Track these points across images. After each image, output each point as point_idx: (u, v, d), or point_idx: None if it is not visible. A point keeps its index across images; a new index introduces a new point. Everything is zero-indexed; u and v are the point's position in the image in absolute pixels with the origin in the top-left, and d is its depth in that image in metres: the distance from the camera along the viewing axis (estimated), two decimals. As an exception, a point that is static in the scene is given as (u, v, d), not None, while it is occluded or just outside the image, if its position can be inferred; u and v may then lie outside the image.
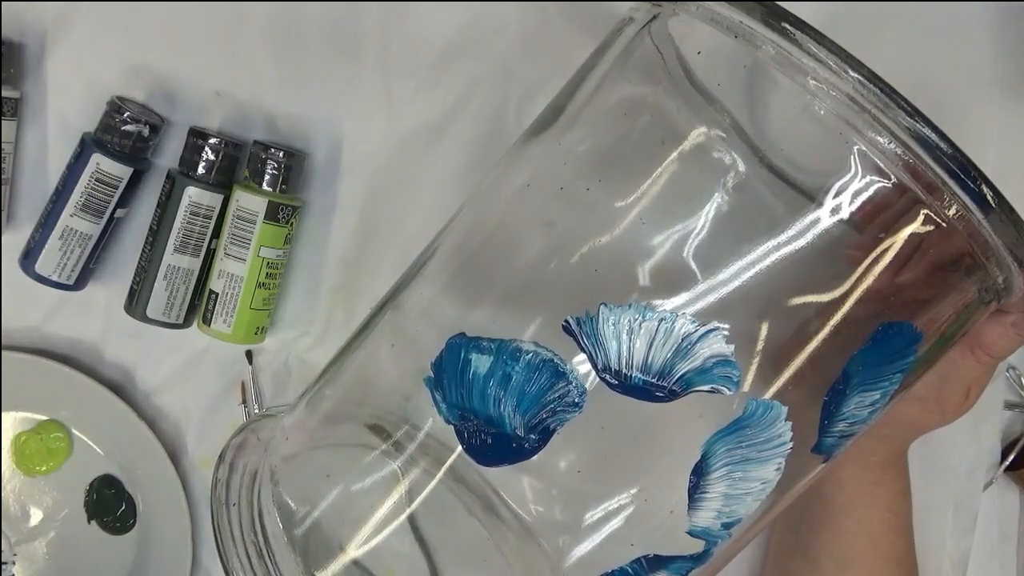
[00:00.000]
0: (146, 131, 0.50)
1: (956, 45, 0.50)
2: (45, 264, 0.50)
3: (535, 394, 0.33)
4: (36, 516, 0.57)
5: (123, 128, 0.49)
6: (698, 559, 0.35)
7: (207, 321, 0.51)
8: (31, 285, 0.51)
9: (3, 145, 0.50)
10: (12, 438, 0.56)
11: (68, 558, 0.57)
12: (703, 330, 0.32)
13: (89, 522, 0.56)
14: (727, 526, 0.35)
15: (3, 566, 0.56)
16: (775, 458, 0.34)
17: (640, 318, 0.32)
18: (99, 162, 0.49)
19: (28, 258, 0.50)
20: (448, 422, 0.34)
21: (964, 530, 0.53)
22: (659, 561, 0.35)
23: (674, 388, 0.32)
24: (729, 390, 0.33)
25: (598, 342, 0.32)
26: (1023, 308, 0.38)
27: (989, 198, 0.31)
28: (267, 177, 0.50)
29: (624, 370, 0.32)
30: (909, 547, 0.47)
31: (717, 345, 0.32)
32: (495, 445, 0.33)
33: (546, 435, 0.33)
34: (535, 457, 0.33)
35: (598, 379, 0.33)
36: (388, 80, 0.51)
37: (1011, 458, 0.54)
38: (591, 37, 0.39)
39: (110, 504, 0.56)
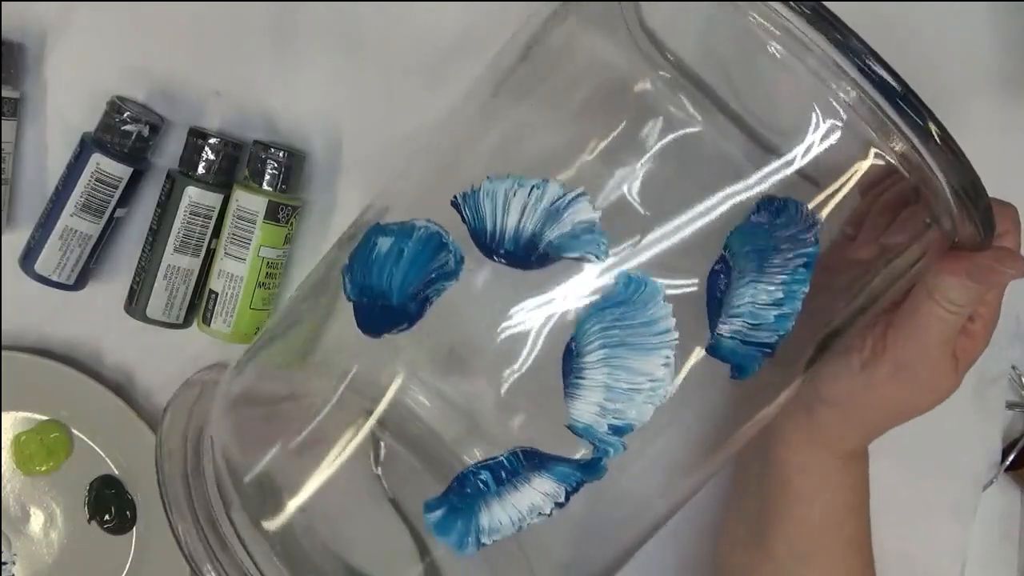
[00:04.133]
0: (146, 131, 0.50)
1: (957, 42, 0.50)
2: (45, 264, 0.50)
3: (420, 265, 0.34)
4: (36, 516, 0.56)
5: (123, 128, 0.49)
6: (586, 469, 0.34)
7: (207, 321, 0.51)
8: (31, 285, 0.51)
9: (3, 145, 0.50)
10: (12, 438, 0.56)
11: (68, 558, 0.56)
12: (571, 195, 0.32)
13: (89, 522, 0.56)
14: (616, 430, 0.33)
15: (3, 566, 0.56)
16: (660, 349, 0.32)
17: (515, 187, 0.32)
18: (99, 162, 0.49)
19: (28, 258, 0.50)
20: (349, 299, 0.35)
21: (964, 529, 0.53)
22: (537, 458, 0.34)
23: (543, 253, 0.32)
24: (598, 258, 0.32)
25: (477, 213, 0.33)
26: (978, 257, 0.36)
27: (931, 128, 0.30)
28: (267, 177, 0.50)
29: (497, 237, 0.33)
30: (868, 531, 0.45)
31: (584, 212, 0.32)
32: (381, 315, 0.35)
33: (423, 305, 0.34)
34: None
35: (476, 249, 0.33)
36: (389, 80, 0.51)
37: (1011, 458, 0.54)
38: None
39: (110, 504, 0.56)
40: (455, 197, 0.33)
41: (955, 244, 0.36)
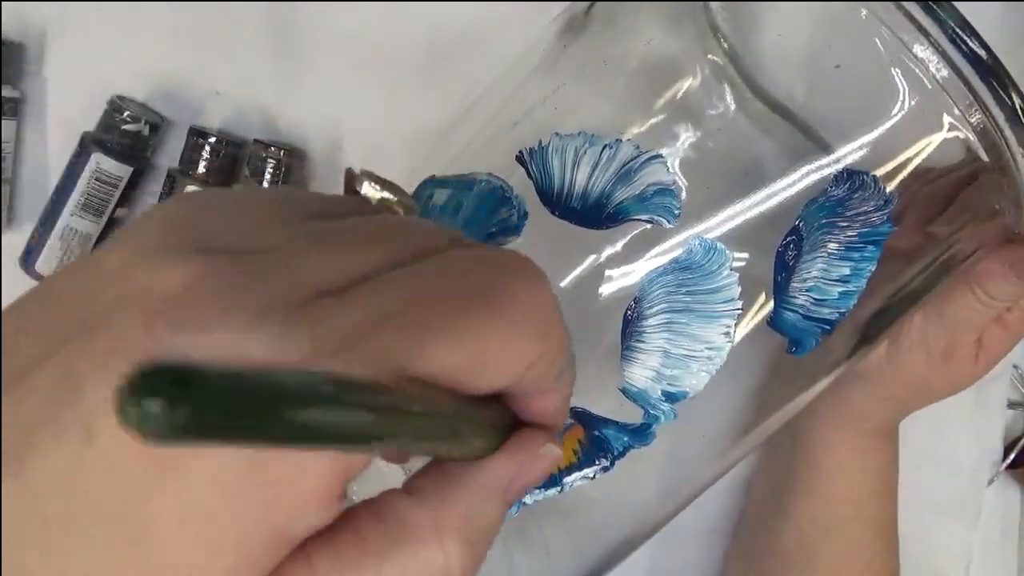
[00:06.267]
0: (146, 130, 0.50)
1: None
2: (45, 264, 0.50)
3: (480, 219, 0.33)
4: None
5: (123, 127, 0.49)
6: (635, 434, 0.33)
7: (207, 320, 0.51)
8: (31, 285, 0.51)
9: (3, 145, 0.50)
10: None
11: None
12: (645, 157, 0.31)
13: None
14: (670, 397, 0.32)
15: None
16: (722, 317, 0.32)
17: (586, 145, 0.32)
18: (99, 161, 0.49)
19: (28, 258, 0.50)
20: None
21: (967, 528, 0.53)
22: (587, 418, 0.33)
23: (612, 214, 0.31)
24: (668, 222, 0.31)
25: (545, 169, 0.32)
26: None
27: (1017, 105, 0.29)
28: (267, 176, 0.50)
29: (564, 195, 0.32)
30: (893, 513, 0.45)
31: (658, 173, 0.31)
32: None
33: None
34: None
35: (541, 206, 0.32)
36: (388, 79, 0.51)
37: (1012, 457, 0.54)
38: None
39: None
40: (520, 152, 0.32)
41: (1012, 238, 0.35)
